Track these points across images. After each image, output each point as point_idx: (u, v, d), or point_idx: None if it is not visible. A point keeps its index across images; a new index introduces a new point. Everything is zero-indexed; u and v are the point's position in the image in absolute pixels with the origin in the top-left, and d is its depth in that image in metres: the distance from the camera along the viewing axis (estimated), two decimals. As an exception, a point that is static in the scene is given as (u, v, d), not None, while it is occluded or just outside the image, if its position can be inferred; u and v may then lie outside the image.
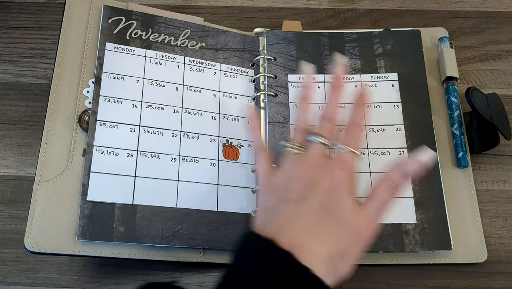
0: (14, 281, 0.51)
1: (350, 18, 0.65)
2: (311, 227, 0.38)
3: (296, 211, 0.39)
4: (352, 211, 0.39)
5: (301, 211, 0.39)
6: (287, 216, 0.39)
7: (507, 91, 0.61)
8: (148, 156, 0.52)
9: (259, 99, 0.57)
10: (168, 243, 0.49)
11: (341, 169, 0.41)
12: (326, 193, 0.40)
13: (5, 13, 0.62)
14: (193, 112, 0.55)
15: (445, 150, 0.56)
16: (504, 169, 0.57)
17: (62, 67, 0.54)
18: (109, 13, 0.56)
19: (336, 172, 0.41)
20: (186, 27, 0.59)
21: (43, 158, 0.50)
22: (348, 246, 0.38)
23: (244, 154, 0.55)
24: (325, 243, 0.37)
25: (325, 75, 0.58)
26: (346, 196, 0.40)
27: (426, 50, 0.60)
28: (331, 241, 0.38)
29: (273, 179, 0.44)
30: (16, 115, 0.58)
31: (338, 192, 0.40)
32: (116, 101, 0.53)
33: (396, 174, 0.41)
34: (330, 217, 0.39)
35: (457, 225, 0.52)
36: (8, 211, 0.53)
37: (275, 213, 0.39)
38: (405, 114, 0.56)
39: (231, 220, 0.51)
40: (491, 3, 0.66)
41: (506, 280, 0.52)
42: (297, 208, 0.39)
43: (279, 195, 0.41)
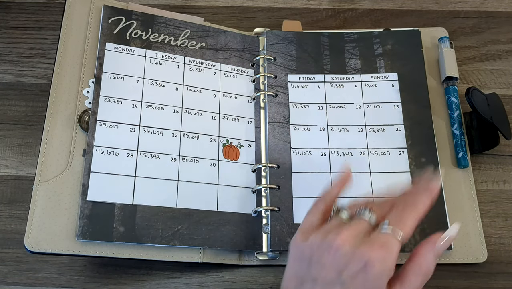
0: (14, 281, 0.51)
1: (350, 18, 0.65)
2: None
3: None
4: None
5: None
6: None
7: (507, 91, 0.61)
8: (148, 156, 0.52)
9: (259, 99, 0.57)
10: (168, 243, 0.49)
11: (378, 253, 0.35)
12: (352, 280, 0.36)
13: (5, 13, 0.62)
14: (193, 112, 0.55)
15: (445, 150, 0.56)
16: (504, 169, 0.57)
17: (62, 67, 0.54)
18: (109, 13, 0.56)
19: (371, 256, 0.35)
20: (186, 27, 0.59)
21: (43, 158, 0.50)
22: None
23: (244, 154, 0.55)
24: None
25: (325, 75, 0.58)
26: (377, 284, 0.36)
27: (426, 50, 0.60)
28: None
29: (305, 245, 0.38)
30: (16, 115, 0.58)
31: (368, 281, 0.35)
32: (116, 101, 0.53)
33: (431, 259, 0.38)
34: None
35: (457, 225, 0.52)
36: (8, 211, 0.53)
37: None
38: (405, 114, 0.56)
39: (231, 220, 0.51)
40: (491, 3, 0.66)
41: (506, 280, 0.52)
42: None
43: (306, 267, 0.38)
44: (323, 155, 0.55)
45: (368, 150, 0.55)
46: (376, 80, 0.58)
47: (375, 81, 0.58)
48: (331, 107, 0.57)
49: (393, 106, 0.57)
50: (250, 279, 0.51)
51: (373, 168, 0.54)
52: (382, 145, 0.55)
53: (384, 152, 0.55)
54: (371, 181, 0.53)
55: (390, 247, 0.36)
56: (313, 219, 0.40)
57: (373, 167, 0.54)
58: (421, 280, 0.37)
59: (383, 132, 0.56)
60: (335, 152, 0.55)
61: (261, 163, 0.54)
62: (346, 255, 0.36)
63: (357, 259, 0.35)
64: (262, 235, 0.51)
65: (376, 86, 0.58)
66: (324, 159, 0.54)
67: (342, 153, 0.55)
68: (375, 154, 0.55)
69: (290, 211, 0.52)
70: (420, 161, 0.54)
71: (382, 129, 0.56)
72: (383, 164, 0.54)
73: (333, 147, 0.55)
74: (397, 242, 0.36)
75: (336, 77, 0.58)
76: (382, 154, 0.55)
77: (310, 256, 0.37)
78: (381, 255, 0.35)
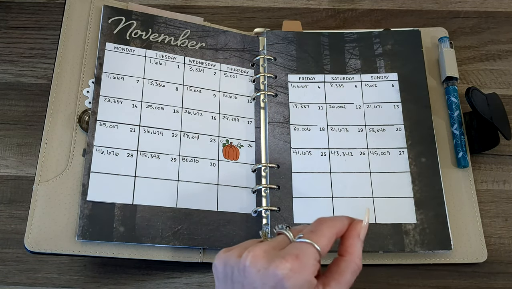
0: (14, 281, 0.51)
1: (350, 18, 0.65)
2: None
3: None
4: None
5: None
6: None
7: (507, 91, 0.61)
8: (148, 155, 0.52)
9: (259, 99, 0.57)
10: (168, 243, 0.49)
11: (292, 265, 0.34)
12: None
13: (5, 13, 0.62)
14: (193, 112, 0.55)
15: (445, 150, 0.56)
16: (504, 169, 0.57)
17: (62, 67, 0.54)
18: (109, 13, 0.56)
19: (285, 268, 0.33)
20: (186, 27, 0.59)
21: (43, 158, 0.50)
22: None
23: (244, 154, 0.55)
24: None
25: (325, 75, 0.58)
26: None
27: (426, 50, 0.60)
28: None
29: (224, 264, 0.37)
30: (16, 115, 0.58)
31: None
32: (116, 101, 0.53)
33: (361, 250, 0.37)
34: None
35: (457, 225, 0.52)
36: (8, 211, 0.53)
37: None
38: (405, 114, 0.56)
39: (231, 220, 0.51)
40: (491, 3, 0.66)
41: (506, 280, 0.52)
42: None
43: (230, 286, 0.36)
44: (323, 155, 0.55)
45: (368, 150, 0.55)
46: (376, 80, 0.58)
47: (375, 81, 0.58)
48: (331, 107, 0.57)
49: (393, 106, 0.57)
50: (250, 279, 0.51)
51: (373, 168, 0.54)
52: (382, 145, 0.55)
53: (384, 152, 0.55)
54: (371, 181, 0.53)
55: (305, 257, 0.34)
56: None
57: (373, 167, 0.54)
58: (355, 274, 0.37)
59: (383, 132, 0.56)
60: (335, 152, 0.55)
61: (261, 163, 0.54)
62: (259, 271, 0.34)
63: (271, 274, 0.33)
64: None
65: (376, 86, 0.58)
66: (324, 159, 0.54)
67: (342, 153, 0.55)
68: (375, 154, 0.55)
69: (290, 211, 0.52)
70: (420, 161, 0.54)
71: (382, 129, 0.56)
72: (383, 164, 0.54)
73: (333, 147, 0.55)
74: (313, 250, 0.35)
75: (336, 77, 0.58)
76: (382, 154, 0.55)
77: (230, 275, 0.36)
78: (296, 266, 0.33)
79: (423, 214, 0.52)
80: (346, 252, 0.37)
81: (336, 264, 0.37)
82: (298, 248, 0.35)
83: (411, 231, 0.51)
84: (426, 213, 0.52)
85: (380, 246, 0.51)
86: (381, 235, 0.51)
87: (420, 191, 0.53)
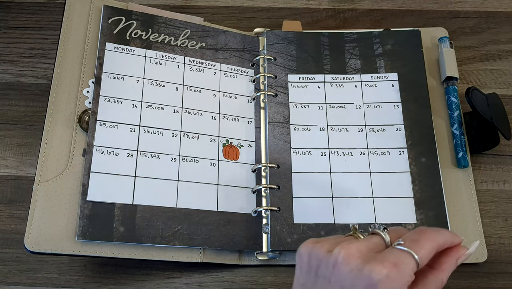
0: (14, 281, 0.51)
1: (350, 18, 0.65)
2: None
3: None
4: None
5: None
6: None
7: (507, 91, 0.61)
8: (148, 156, 0.52)
9: (259, 99, 0.57)
10: (168, 243, 0.49)
11: (389, 272, 0.32)
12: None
13: (5, 13, 0.62)
14: (193, 112, 0.55)
15: (445, 150, 0.56)
16: (504, 169, 0.57)
17: (62, 67, 0.54)
18: (109, 13, 0.56)
19: (380, 273, 0.32)
20: (186, 27, 0.59)
21: (43, 158, 0.50)
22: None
23: (244, 154, 0.55)
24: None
25: (325, 75, 0.59)
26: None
27: (426, 50, 0.60)
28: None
29: (310, 255, 0.36)
30: (16, 115, 0.58)
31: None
32: (116, 101, 0.53)
33: (449, 273, 0.37)
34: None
35: (457, 225, 0.52)
36: (8, 211, 0.53)
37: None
38: (405, 114, 0.56)
39: (231, 220, 0.51)
40: (491, 3, 0.66)
41: (506, 280, 0.52)
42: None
43: (313, 279, 0.35)
44: (323, 155, 0.55)
45: (368, 150, 0.55)
46: (376, 80, 0.58)
47: (375, 81, 0.58)
48: (331, 107, 0.57)
49: (393, 106, 0.57)
50: (250, 279, 0.51)
51: (373, 168, 0.54)
52: (382, 145, 0.55)
53: (384, 152, 0.55)
54: (371, 181, 0.53)
55: (403, 266, 0.33)
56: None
57: (373, 167, 0.54)
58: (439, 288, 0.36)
59: (383, 132, 0.56)
60: (335, 152, 0.55)
61: (261, 163, 0.54)
62: (351, 271, 0.33)
63: (365, 277, 0.32)
64: (262, 235, 0.51)
65: (376, 86, 0.58)
66: (324, 159, 0.54)
67: (342, 153, 0.55)
68: (375, 154, 0.55)
69: (290, 211, 0.52)
70: (420, 161, 0.54)
71: (382, 129, 0.56)
72: (383, 164, 0.54)
73: (333, 147, 0.55)
74: (412, 261, 0.33)
75: (336, 77, 0.58)
76: (382, 154, 0.55)
77: (316, 268, 0.35)
78: (393, 275, 0.32)
79: (423, 214, 0.52)
80: (439, 267, 0.36)
81: (424, 275, 0.36)
82: (397, 256, 0.33)
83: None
84: (426, 213, 0.52)
85: (380, 246, 0.50)
86: (381, 235, 0.51)
87: (420, 191, 0.53)
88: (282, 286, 0.51)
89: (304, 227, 0.51)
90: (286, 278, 0.51)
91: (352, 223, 0.37)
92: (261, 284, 0.51)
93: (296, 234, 0.51)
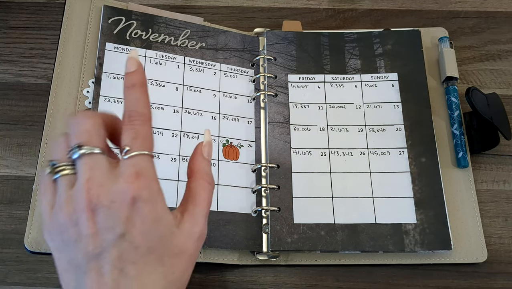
0: (14, 281, 0.51)
1: (350, 18, 0.65)
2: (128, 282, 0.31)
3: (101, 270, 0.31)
4: (171, 229, 0.33)
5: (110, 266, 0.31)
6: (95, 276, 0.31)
7: (507, 91, 0.61)
8: (148, 156, 0.52)
9: (259, 99, 0.57)
10: (168, 243, 0.49)
11: (138, 185, 0.31)
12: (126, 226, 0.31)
13: (5, 13, 0.62)
14: (193, 112, 0.55)
15: (445, 150, 0.56)
16: (504, 169, 0.57)
17: (62, 67, 0.54)
18: (109, 13, 0.56)
19: (133, 193, 0.31)
20: (186, 27, 0.59)
21: (43, 158, 0.50)
22: (180, 270, 0.33)
23: (244, 154, 0.55)
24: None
25: (325, 75, 0.59)
26: (157, 218, 0.32)
27: (426, 50, 0.60)
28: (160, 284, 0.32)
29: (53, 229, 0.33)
30: (16, 115, 0.57)
31: (145, 220, 0.31)
32: (116, 101, 0.53)
33: (208, 167, 0.37)
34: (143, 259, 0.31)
35: (457, 225, 0.52)
36: (8, 211, 0.53)
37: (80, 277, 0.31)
38: (405, 114, 0.56)
39: (231, 220, 0.51)
40: (491, 3, 0.66)
41: (506, 280, 0.52)
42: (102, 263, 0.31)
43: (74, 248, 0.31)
44: (323, 155, 0.55)
45: (368, 150, 0.55)
46: (376, 80, 0.58)
47: (375, 81, 0.58)
48: (331, 107, 0.57)
49: (393, 106, 0.57)
50: (250, 279, 0.51)
51: (373, 168, 0.54)
52: (382, 145, 0.55)
53: (384, 152, 0.55)
54: (371, 181, 0.53)
55: (145, 170, 0.32)
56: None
57: (373, 167, 0.54)
58: (210, 191, 0.36)
59: (383, 132, 0.56)
60: (335, 152, 0.55)
61: (261, 163, 0.54)
62: (105, 207, 0.31)
63: (120, 202, 0.31)
64: (262, 235, 0.51)
65: (376, 86, 0.58)
66: (324, 159, 0.54)
67: (342, 153, 0.55)
68: (375, 154, 0.55)
69: (290, 211, 0.52)
70: (420, 161, 0.54)
71: (382, 129, 0.56)
72: (383, 164, 0.54)
73: (333, 147, 0.55)
74: (148, 158, 0.32)
75: (336, 77, 0.58)
76: (382, 154, 0.55)
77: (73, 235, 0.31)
78: (142, 185, 0.31)
79: (423, 214, 0.52)
80: (192, 172, 0.37)
81: (188, 188, 0.36)
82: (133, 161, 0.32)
83: (411, 231, 0.51)
84: (426, 213, 0.52)
85: (380, 246, 0.51)
86: (381, 235, 0.51)
87: (420, 191, 0.53)
88: (282, 286, 0.51)
89: (304, 227, 0.51)
90: (286, 278, 0.51)
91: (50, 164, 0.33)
92: (261, 284, 0.51)
93: (296, 234, 0.51)
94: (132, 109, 0.34)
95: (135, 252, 0.31)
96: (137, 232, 0.31)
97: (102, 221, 0.31)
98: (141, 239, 0.31)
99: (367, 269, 0.52)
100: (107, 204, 0.31)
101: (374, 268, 0.52)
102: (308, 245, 0.50)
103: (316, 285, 0.51)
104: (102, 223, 0.31)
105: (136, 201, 0.31)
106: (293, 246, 0.50)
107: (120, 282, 0.31)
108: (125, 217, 0.31)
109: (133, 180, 0.31)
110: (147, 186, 0.32)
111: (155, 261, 0.32)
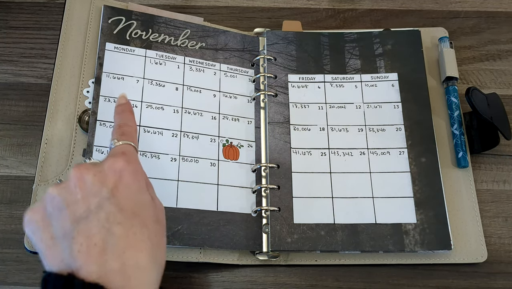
0: (14, 281, 0.51)
1: (350, 18, 0.65)
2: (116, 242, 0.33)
3: (92, 229, 0.33)
4: (150, 201, 0.36)
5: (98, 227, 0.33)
6: (84, 238, 0.32)
7: (507, 91, 0.61)
8: (148, 155, 0.52)
9: (259, 99, 0.57)
10: (168, 243, 0.49)
11: (124, 159, 0.36)
12: (113, 191, 0.34)
13: (5, 13, 0.62)
14: (193, 112, 0.55)
15: (445, 150, 0.56)
16: (504, 169, 0.57)
17: (62, 67, 0.54)
18: (109, 13, 0.56)
19: (119, 165, 0.35)
20: (186, 27, 0.59)
21: (43, 158, 0.50)
22: (160, 236, 0.36)
23: (244, 154, 0.55)
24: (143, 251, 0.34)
25: (325, 75, 0.59)
26: (140, 189, 0.36)
27: (426, 50, 0.60)
28: (147, 249, 0.34)
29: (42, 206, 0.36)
30: (16, 115, 0.57)
31: (130, 188, 0.35)
32: (116, 101, 0.53)
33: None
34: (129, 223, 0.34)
35: (457, 225, 0.52)
36: (8, 211, 0.53)
37: (68, 238, 0.33)
38: (405, 114, 0.56)
39: (231, 220, 0.51)
40: (491, 3, 0.66)
41: (506, 280, 0.52)
42: (90, 225, 0.33)
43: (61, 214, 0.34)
44: (323, 155, 0.55)
45: (368, 150, 0.55)
46: (376, 80, 0.58)
47: (375, 81, 0.58)
48: (331, 107, 0.57)
49: (393, 106, 0.57)
50: (250, 279, 0.51)
51: (373, 168, 0.54)
52: (382, 145, 0.55)
53: (384, 152, 0.55)
54: (371, 181, 0.53)
55: (130, 152, 0.37)
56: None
57: (373, 167, 0.54)
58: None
59: (383, 132, 0.56)
60: (335, 152, 0.55)
61: (261, 163, 0.54)
62: (92, 183, 0.34)
63: (109, 174, 0.35)
64: (262, 235, 0.51)
65: (376, 86, 0.58)
66: (324, 159, 0.54)
67: (342, 153, 0.55)
68: (375, 154, 0.55)
69: (290, 211, 0.52)
70: (420, 161, 0.54)
71: (382, 129, 0.56)
72: (383, 164, 0.54)
73: (333, 147, 0.55)
74: (133, 148, 0.38)
75: (336, 77, 0.58)
76: (382, 154, 0.55)
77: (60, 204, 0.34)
78: (127, 159, 0.36)
79: (423, 214, 0.52)
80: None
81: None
82: (120, 148, 0.38)
83: (411, 231, 0.51)
84: (426, 213, 0.52)
85: (380, 246, 0.51)
86: (381, 235, 0.51)
87: (420, 191, 0.53)
88: (282, 286, 0.51)
89: (304, 227, 0.51)
90: (286, 278, 0.51)
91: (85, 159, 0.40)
92: (261, 284, 0.51)
93: (296, 234, 0.51)
94: (122, 122, 0.41)
95: (121, 214, 0.34)
96: (122, 196, 0.34)
97: (90, 187, 0.34)
98: (126, 203, 0.34)
99: (367, 269, 0.52)
100: (95, 173, 0.35)
101: (374, 268, 0.52)
102: (308, 245, 0.50)
103: (316, 285, 0.51)
104: (90, 188, 0.34)
105: (122, 172, 0.35)
106: (293, 246, 0.50)
107: (108, 241, 0.32)
108: (111, 183, 0.35)
109: (120, 156, 0.36)
110: (132, 161, 0.36)
111: (140, 224, 0.34)
